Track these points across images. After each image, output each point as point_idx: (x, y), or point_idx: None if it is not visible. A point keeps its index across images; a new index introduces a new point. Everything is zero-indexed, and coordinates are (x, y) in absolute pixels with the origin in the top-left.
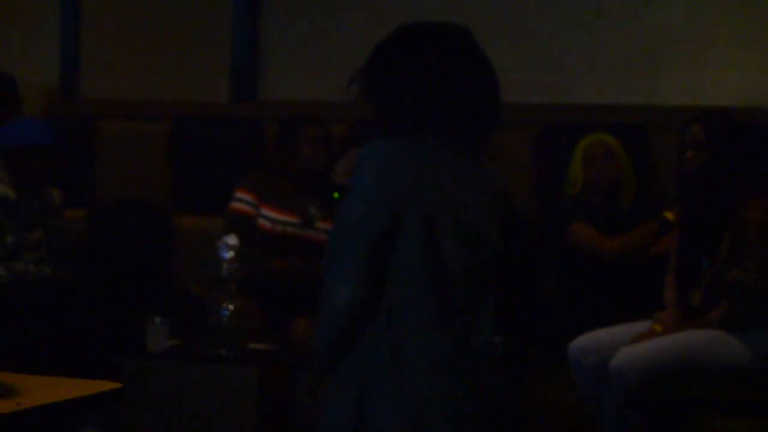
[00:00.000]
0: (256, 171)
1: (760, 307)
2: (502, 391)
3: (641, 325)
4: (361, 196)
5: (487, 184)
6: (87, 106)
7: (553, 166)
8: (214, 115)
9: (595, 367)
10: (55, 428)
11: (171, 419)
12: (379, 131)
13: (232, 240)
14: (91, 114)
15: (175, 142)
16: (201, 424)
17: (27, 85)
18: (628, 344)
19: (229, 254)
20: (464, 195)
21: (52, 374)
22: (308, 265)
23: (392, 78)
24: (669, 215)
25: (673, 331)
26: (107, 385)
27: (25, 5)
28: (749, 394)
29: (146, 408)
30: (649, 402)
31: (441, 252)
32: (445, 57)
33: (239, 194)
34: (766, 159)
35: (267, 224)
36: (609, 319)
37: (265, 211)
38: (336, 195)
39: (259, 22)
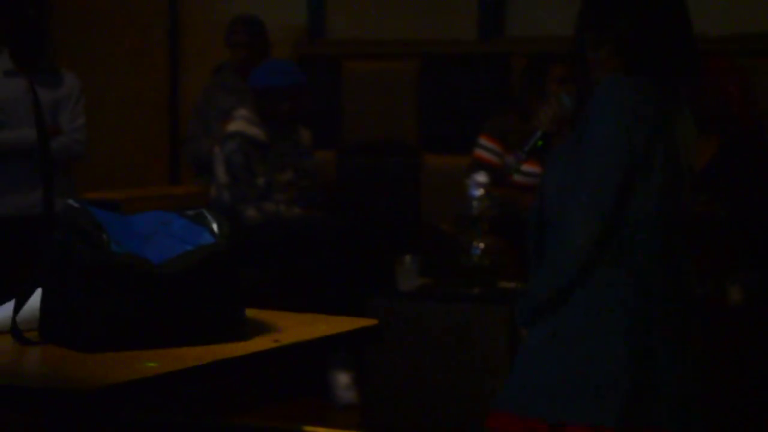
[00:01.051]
0: (502, 114)
1: None
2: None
3: None
4: (617, 127)
5: (692, 128)
6: (334, 46)
7: None
8: (462, 53)
9: None
10: (312, 364)
11: (421, 359)
12: (604, 67)
13: (481, 177)
14: (338, 54)
15: (423, 81)
16: (452, 364)
17: (275, 27)
18: None
19: (479, 192)
20: (683, 136)
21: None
22: None
23: (624, 17)
24: None
25: None
26: (364, 322)
27: None
28: None
29: (396, 347)
30: None
31: (672, 194)
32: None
33: (483, 141)
34: None
35: (515, 175)
36: None
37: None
38: (540, 143)
39: None
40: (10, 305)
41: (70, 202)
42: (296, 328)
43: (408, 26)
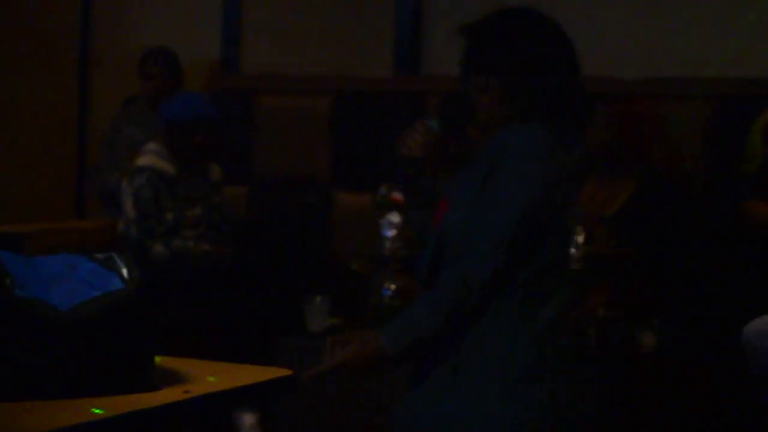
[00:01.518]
0: None
1: None
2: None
3: None
4: (524, 176)
5: (583, 177)
6: (248, 80)
7: (728, 141)
8: (376, 90)
9: None
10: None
11: (330, 399)
12: (504, 114)
13: (394, 217)
14: (252, 88)
15: (337, 117)
16: (362, 403)
17: (188, 60)
18: None
19: (392, 232)
20: (570, 184)
21: (212, 353)
22: None
23: (510, 62)
24: None
25: None
26: (277, 372)
27: None
28: None
29: (305, 387)
30: None
31: (567, 242)
32: (556, 43)
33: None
34: None
35: None
36: None
37: None
38: (410, 170)
39: None
40: None
41: None
42: (208, 377)
43: (322, 62)
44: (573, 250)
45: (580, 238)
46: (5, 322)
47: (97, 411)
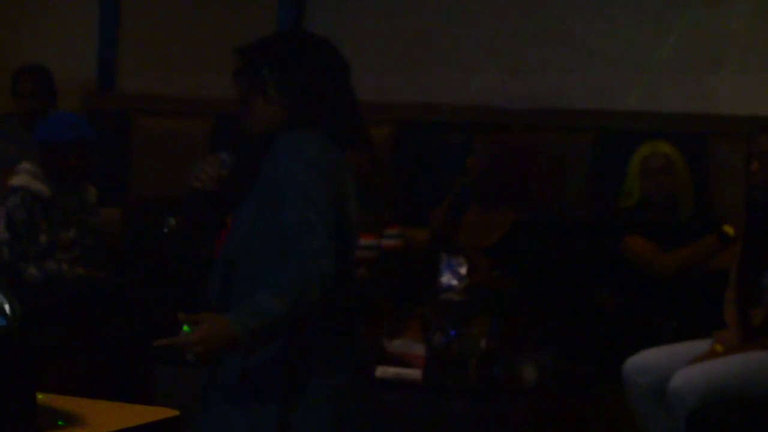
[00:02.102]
0: None
1: None
2: None
3: (701, 344)
4: (314, 175)
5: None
6: (123, 100)
7: (608, 173)
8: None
9: (652, 388)
10: None
11: None
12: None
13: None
14: (128, 109)
15: (214, 138)
16: None
17: (63, 79)
18: (687, 364)
19: None
20: (347, 184)
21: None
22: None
23: (304, 80)
24: (729, 229)
25: (735, 352)
26: (165, 413)
27: None
28: None
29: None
30: (710, 427)
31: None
32: (333, 64)
33: None
34: None
35: None
36: (666, 337)
37: None
38: (172, 222)
39: (305, 15)
40: None
41: None
42: (92, 417)
43: (200, 84)
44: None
45: (463, 270)
46: None
47: None
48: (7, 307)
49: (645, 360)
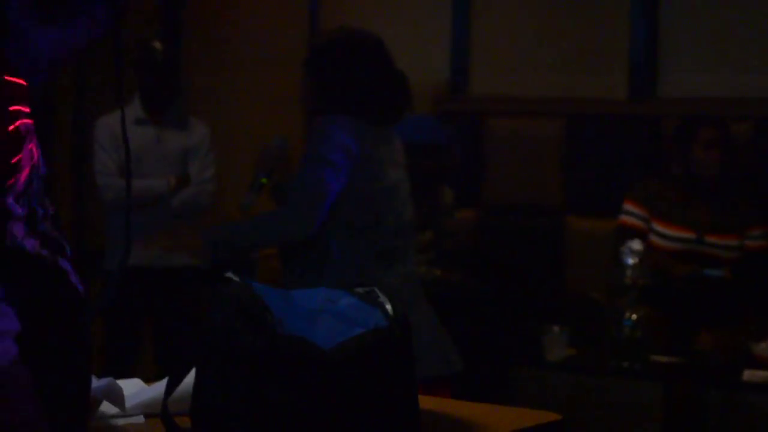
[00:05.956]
0: (648, 177)
1: None
2: None
3: None
4: (333, 148)
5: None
6: (477, 103)
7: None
8: (610, 113)
9: None
10: None
11: None
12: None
13: (636, 245)
14: (481, 111)
15: (569, 141)
16: None
17: (416, 82)
18: None
19: (633, 260)
20: (395, 169)
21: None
22: (712, 271)
23: (342, 72)
24: None
25: None
26: (549, 417)
27: (418, 3)
28: None
29: None
30: None
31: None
32: (375, 59)
33: (628, 206)
34: None
35: (658, 241)
36: None
37: (657, 226)
38: (264, 180)
39: (658, 16)
40: (161, 385)
41: (230, 275)
42: (476, 420)
43: (553, 85)
44: None
45: None
46: (267, 363)
47: None
48: (388, 307)
49: None
